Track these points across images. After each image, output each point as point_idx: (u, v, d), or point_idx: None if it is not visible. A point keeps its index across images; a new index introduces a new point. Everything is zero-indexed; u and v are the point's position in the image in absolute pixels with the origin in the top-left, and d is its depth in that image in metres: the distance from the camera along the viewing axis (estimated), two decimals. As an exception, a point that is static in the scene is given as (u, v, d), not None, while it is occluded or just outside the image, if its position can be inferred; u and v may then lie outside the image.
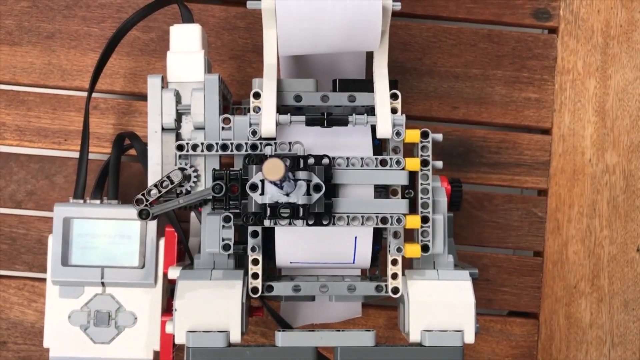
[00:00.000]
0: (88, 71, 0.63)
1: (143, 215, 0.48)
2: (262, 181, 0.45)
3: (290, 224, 0.46)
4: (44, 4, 0.64)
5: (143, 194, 0.48)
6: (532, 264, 0.65)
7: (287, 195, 0.44)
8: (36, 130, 0.63)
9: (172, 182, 0.49)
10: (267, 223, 0.46)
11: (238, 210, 0.47)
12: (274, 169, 0.40)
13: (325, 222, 0.47)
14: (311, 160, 0.46)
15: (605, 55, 0.65)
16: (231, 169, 0.47)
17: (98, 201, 0.56)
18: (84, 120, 0.59)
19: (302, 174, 0.45)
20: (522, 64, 0.65)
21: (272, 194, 0.44)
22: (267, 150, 0.48)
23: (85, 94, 0.60)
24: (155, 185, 0.49)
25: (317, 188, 0.45)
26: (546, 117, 0.65)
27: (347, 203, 0.48)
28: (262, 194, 0.45)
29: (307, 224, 0.46)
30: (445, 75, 0.64)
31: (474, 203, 0.64)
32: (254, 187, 0.45)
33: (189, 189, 0.50)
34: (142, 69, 0.64)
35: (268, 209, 0.45)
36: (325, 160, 0.47)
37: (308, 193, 0.45)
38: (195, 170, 0.50)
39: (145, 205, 0.48)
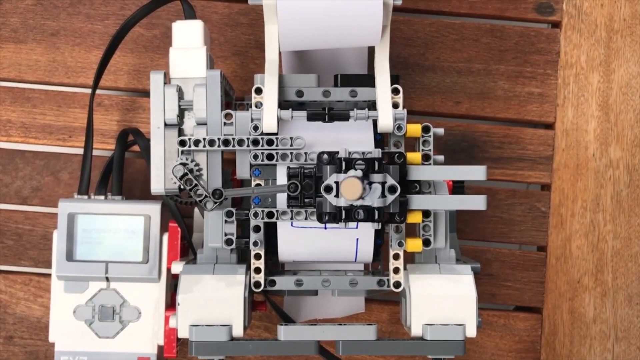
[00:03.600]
0: (92, 68, 0.63)
1: (216, 195, 0.48)
2: (337, 183, 0.44)
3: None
4: (48, 2, 0.64)
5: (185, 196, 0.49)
6: (535, 259, 0.65)
7: (362, 198, 0.44)
8: (41, 127, 0.64)
9: (176, 178, 0.49)
10: (342, 225, 0.45)
11: (313, 208, 0.46)
12: (352, 189, 0.41)
13: (398, 220, 0.46)
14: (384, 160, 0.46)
15: (609, 50, 0.65)
16: (305, 165, 0.47)
17: (102, 197, 0.56)
18: (88, 117, 0.59)
19: (376, 177, 0.45)
20: (525, 58, 0.65)
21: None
22: (342, 153, 0.46)
23: (89, 90, 0.61)
24: (180, 189, 0.49)
25: (392, 189, 0.45)
26: (549, 111, 0.65)
27: (421, 200, 0.47)
28: (337, 196, 0.44)
29: (382, 225, 0.46)
30: (448, 71, 0.64)
31: (477, 198, 0.64)
32: (328, 189, 0.45)
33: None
34: (146, 66, 0.64)
35: (343, 212, 0.44)
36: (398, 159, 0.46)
37: (383, 195, 0.45)
38: (197, 165, 0.50)
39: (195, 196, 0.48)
